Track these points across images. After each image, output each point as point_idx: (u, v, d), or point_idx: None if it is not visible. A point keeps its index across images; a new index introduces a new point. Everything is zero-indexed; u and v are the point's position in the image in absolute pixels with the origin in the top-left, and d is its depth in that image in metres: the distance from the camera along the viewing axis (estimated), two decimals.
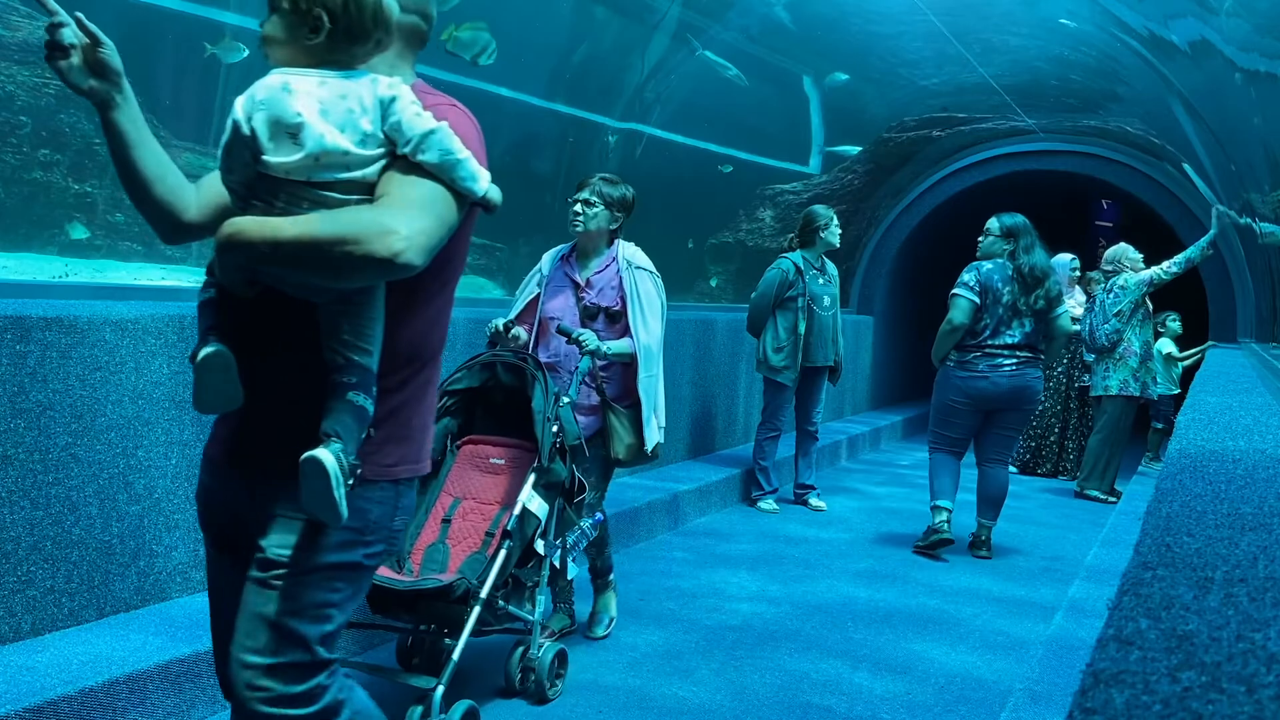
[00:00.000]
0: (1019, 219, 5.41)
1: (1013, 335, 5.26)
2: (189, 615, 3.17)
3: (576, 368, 3.45)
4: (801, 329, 6.09)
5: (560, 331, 3.53)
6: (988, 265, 5.33)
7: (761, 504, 6.28)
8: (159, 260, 4.21)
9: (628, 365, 3.59)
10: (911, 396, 11.96)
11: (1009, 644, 4.11)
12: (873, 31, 7.61)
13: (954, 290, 5.31)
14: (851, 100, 8.70)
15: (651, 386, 3.61)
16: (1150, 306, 7.31)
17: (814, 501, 6.46)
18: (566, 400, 3.19)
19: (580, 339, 3.43)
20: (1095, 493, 7.33)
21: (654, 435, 3.65)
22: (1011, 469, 8.48)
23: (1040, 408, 8.33)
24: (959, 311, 5.24)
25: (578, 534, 3.36)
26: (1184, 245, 9.34)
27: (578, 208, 3.63)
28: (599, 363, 3.55)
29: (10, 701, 2.49)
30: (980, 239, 5.49)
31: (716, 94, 7.49)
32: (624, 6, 6.42)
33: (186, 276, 4.25)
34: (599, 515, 3.56)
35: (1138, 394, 7.16)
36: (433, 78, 5.33)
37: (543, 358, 3.59)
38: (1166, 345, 8.41)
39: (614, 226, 3.67)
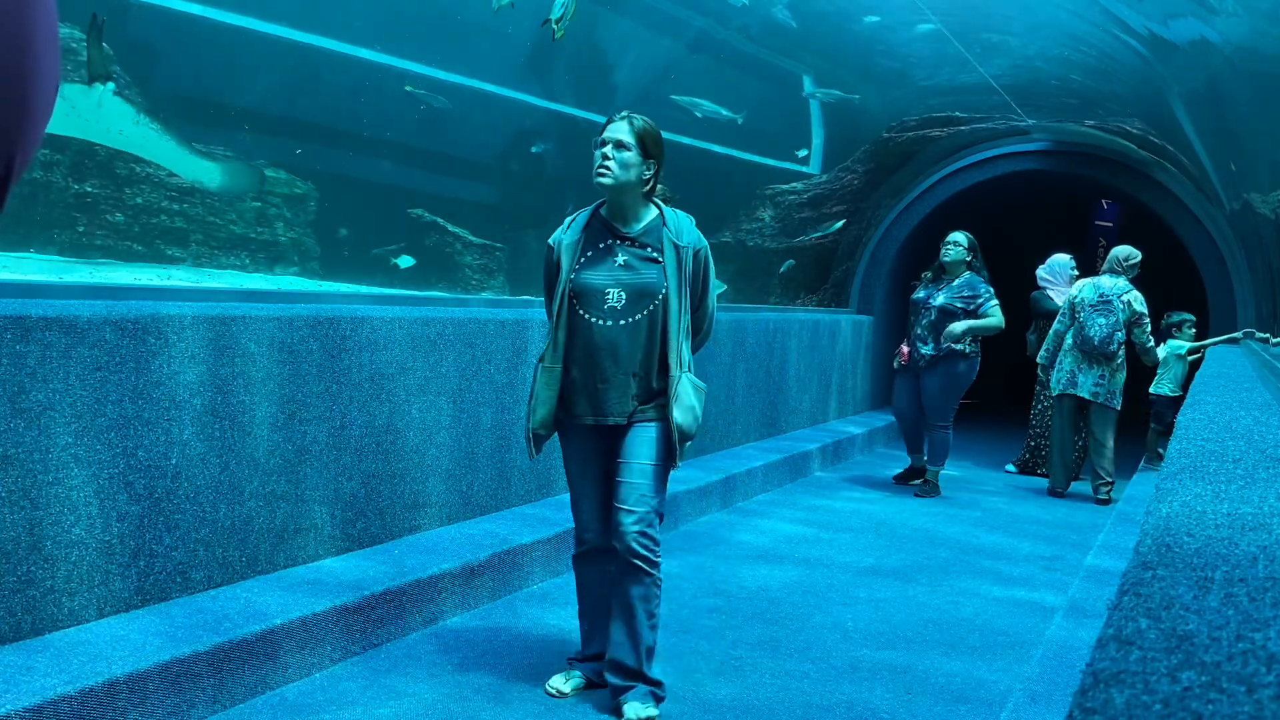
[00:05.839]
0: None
1: None
2: (189, 615, 3.18)
3: None
4: (560, 346, 3.23)
5: None
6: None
7: (550, 682, 3.34)
8: (159, 260, 4.21)
9: None
10: None
11: (1009, 644, 4.11)
12: (873, 31, 7.61)
13: (993, 301, 6.87)
14: (851, 100, 8.70)
15: None
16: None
17: (629, 713, 3.16)
18: None
19: None
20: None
21: None
22: (1011, 468, 8.53)
23: (1040, 406, 8.35)
24: (1001, 314, 6.97)
25: None
26: (1184, 245, 9.36)
27: None
28: None
29: (10, 701, 2.49)
30: (948, 249, 6.96)
31: (719, 94, 7.49)
32: (636, 13, 6.43)
33: (187, 277, 4.26)
34: None
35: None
36: (431, 77, 5.29)
37: None
38: (1182, 346, 8.37)
39: None
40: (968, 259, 6.97)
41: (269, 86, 4.54)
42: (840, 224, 9.49)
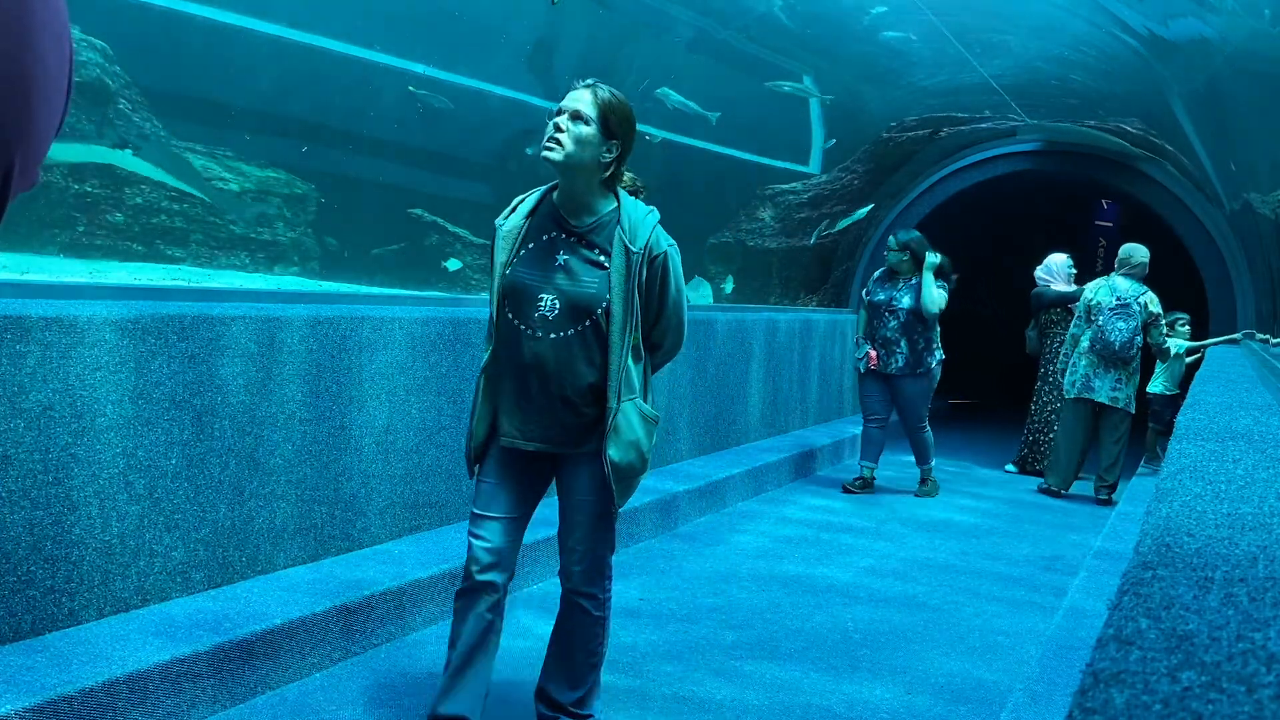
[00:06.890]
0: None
1: None
2: (189, 615, 3.18)
3: None
4: (495, 353, 2.93)
5: None
6: None
7: None
8: (159, 260, 4.21)
9: None
10: None
11: (1009, 644, 4.11)
12: (872, 31, 7.61)
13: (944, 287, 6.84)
14: (851, 100, 8.70)
15: None
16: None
17: None
18: None
19: None
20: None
21: None
22: (1010, 468, 8.53)
23: (1039, 402, 8.35)
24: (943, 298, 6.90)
25: None
26: (1184, 245, 9.37)
27: None
28: None
29: (10, 701, 2.49)
30: (886, 255, 6.98)
31: (718, 94, 7.49)
32: (634, 13, 6.43)
33: (187, 276, 4.26)
34: None
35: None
36: (428, 76, 5.29)
37: None
38: (1181, 345, 8.36)
39: None
40: (906, 258, 6.89)
41: (269, 86, 4.53)
42: (869, 208, 9.50)
